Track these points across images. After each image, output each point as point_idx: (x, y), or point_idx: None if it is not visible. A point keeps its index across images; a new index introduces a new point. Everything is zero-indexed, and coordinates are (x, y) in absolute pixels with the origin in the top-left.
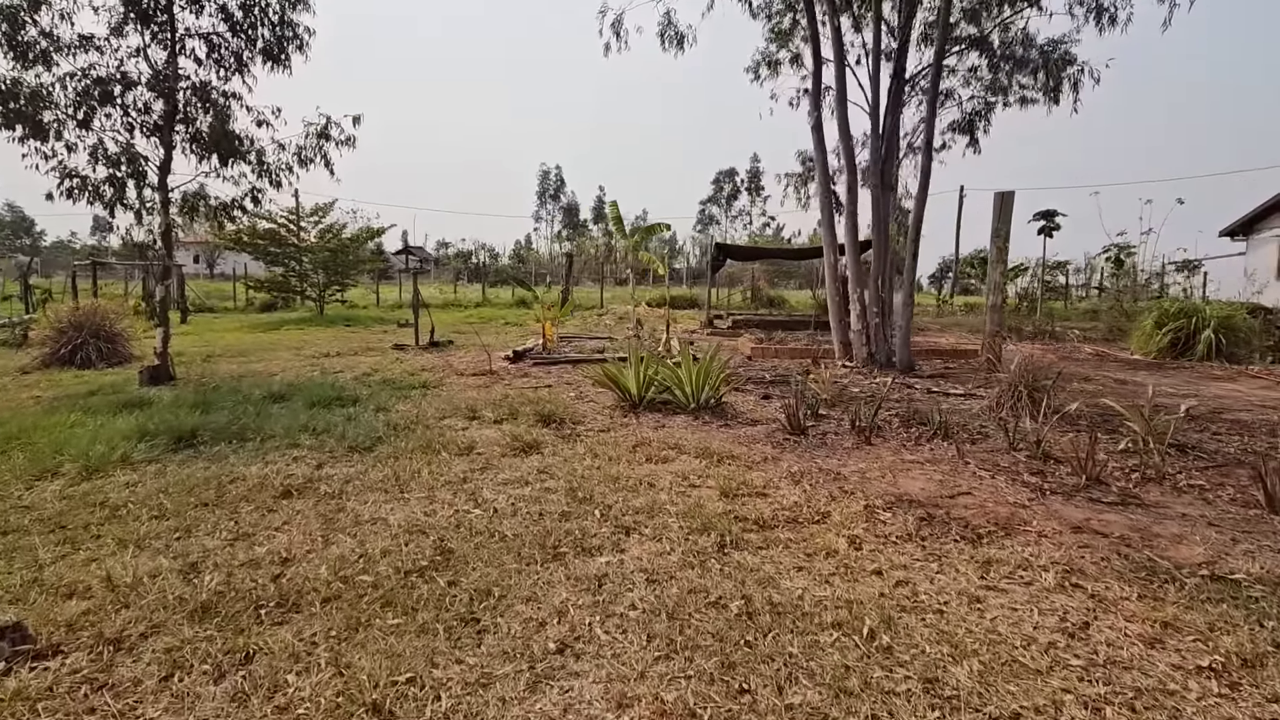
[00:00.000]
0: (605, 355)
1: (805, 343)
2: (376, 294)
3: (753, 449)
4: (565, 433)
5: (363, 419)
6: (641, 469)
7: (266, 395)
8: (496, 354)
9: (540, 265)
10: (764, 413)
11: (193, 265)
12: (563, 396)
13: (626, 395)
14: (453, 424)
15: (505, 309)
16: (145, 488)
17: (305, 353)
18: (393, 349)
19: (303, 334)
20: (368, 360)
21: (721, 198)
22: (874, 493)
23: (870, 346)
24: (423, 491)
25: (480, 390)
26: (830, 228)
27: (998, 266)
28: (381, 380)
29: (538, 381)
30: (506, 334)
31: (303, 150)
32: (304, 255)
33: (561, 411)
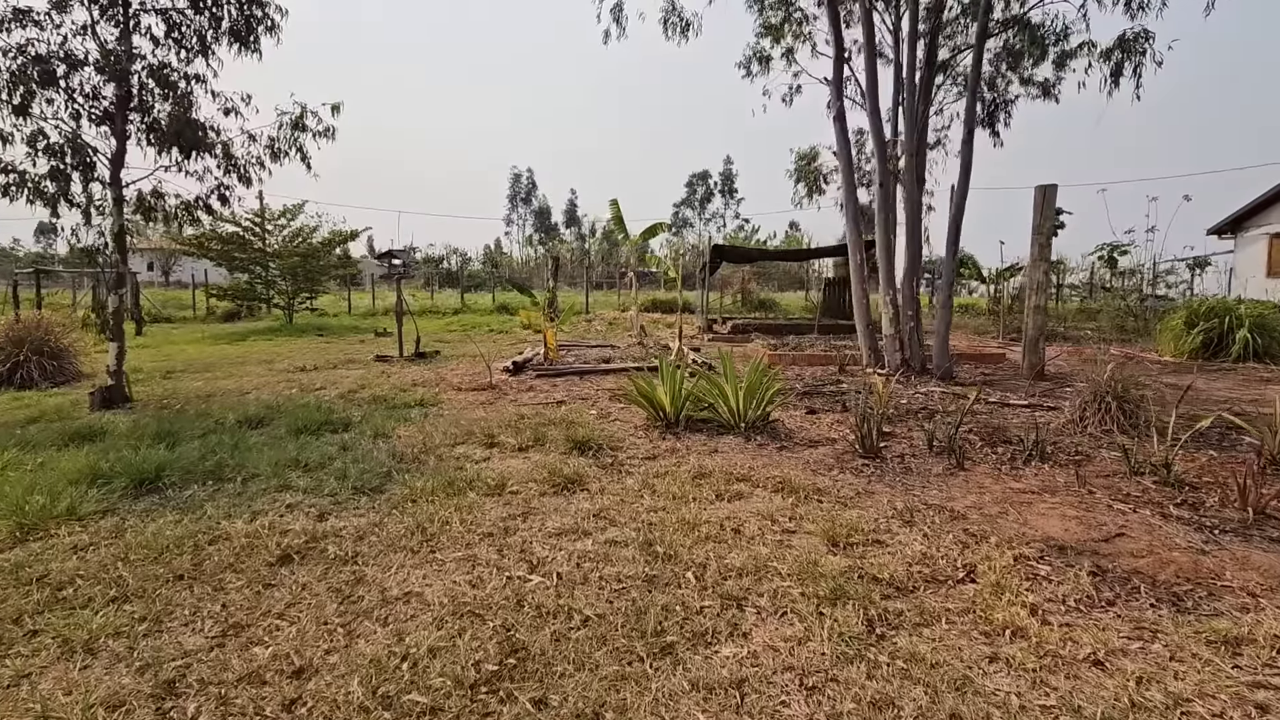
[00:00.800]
0: (613, 365)
1: (822, 348)
2: (348, 301)
3: (832, 479)
4: (606, 461)
5: (362, 449)
6: (716, 509)
7: (242, 420)
8: (491, 365)
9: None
10: (817, 430)
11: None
12: (584, 415)
13: (660, 413)
14: (469, 453)
15: (486, 315)
16: (99, 554)
17: (279, 367)
18: (375, 361)
19: (272, 345)
20: (351, 374)
21: (695, 200)
22: (1009, 536)
23: (904, 352)
24: (458, 549)
25: (486, 408)
26: (856, 225)
27: (1040, 265)
28: (371, 398)
29: (547, 396)
30: (495, 343)
31: (275, 142)
32: (271, 261)
33: (593, 435)
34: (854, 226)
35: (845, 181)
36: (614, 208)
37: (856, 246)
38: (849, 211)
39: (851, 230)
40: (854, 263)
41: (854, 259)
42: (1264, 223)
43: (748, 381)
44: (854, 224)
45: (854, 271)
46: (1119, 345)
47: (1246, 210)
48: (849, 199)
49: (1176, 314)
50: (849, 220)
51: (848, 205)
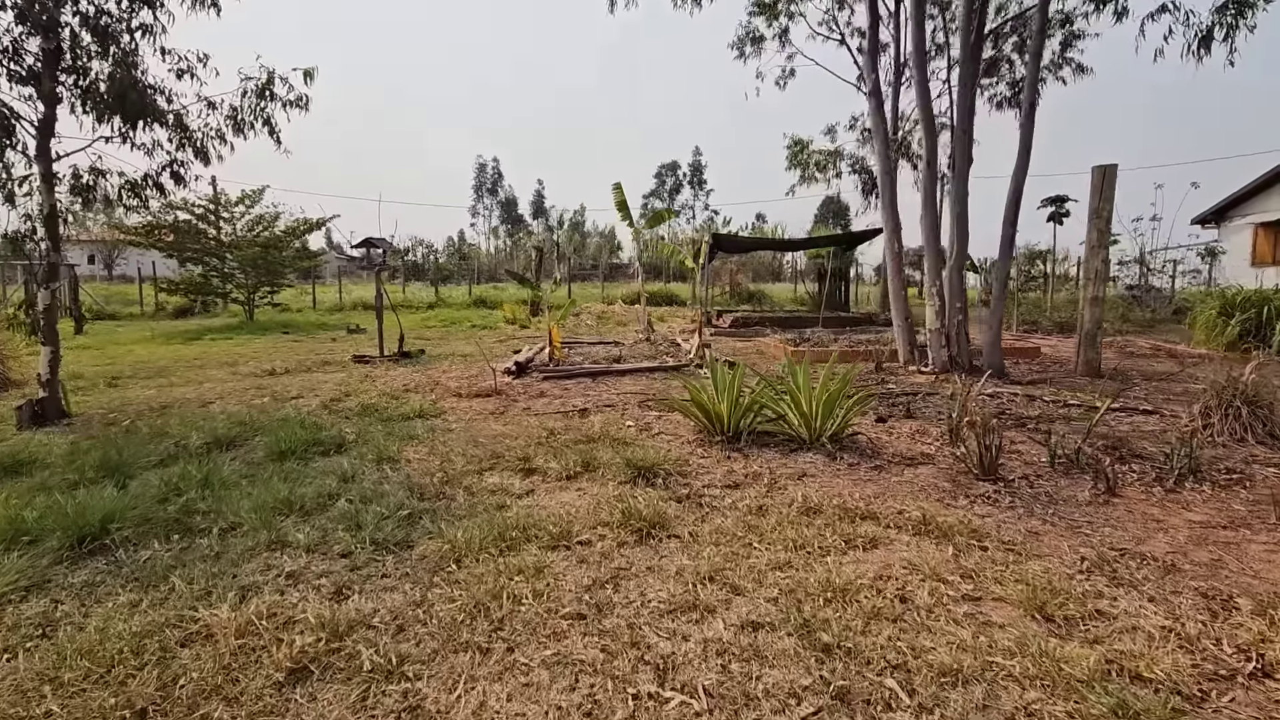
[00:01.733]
0: (628, 365)
1: (846, 343)
2: (313, 295)
3: (970, 512)
4: (679, 492)
5: (368, 480)
6: (857, 564)
7: (210, 441)
8: (487, 366)
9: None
10: (901, 443)
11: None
12: (621, 428)
13: (716, 425)
14: (506, 484)
15: (464, 309)
16: (15, 672)
17: (244, 370)
18: (354, 362)
19: (234, 345)
20: (329, 378)
21: (664, 191)
22: (1259, 595)
23: (951, 349)
24: (544, 644)
25: (500, 420)
26: (892, 208)
27: (1098, 252)
28: (361, 408)
29: (563, 403)
30: (482, 340)
31: (238, 112)
32: (228, 252)
33: (648, 456)
34: (891, 212)
35: (881, 161)
36: (617, 192)
37: (894, 234)
38: (885, 194)
39: (888, 216)
40: (890, 251)
41: (891, 247)
42: (1248, 212)
43: (821, 390)
44: (891, 209)
45: (890, 261)
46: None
47: (1231, 200)
48: (885, 180)
49: (1206, 304)
50: (885, 206)
51: (884, 187)
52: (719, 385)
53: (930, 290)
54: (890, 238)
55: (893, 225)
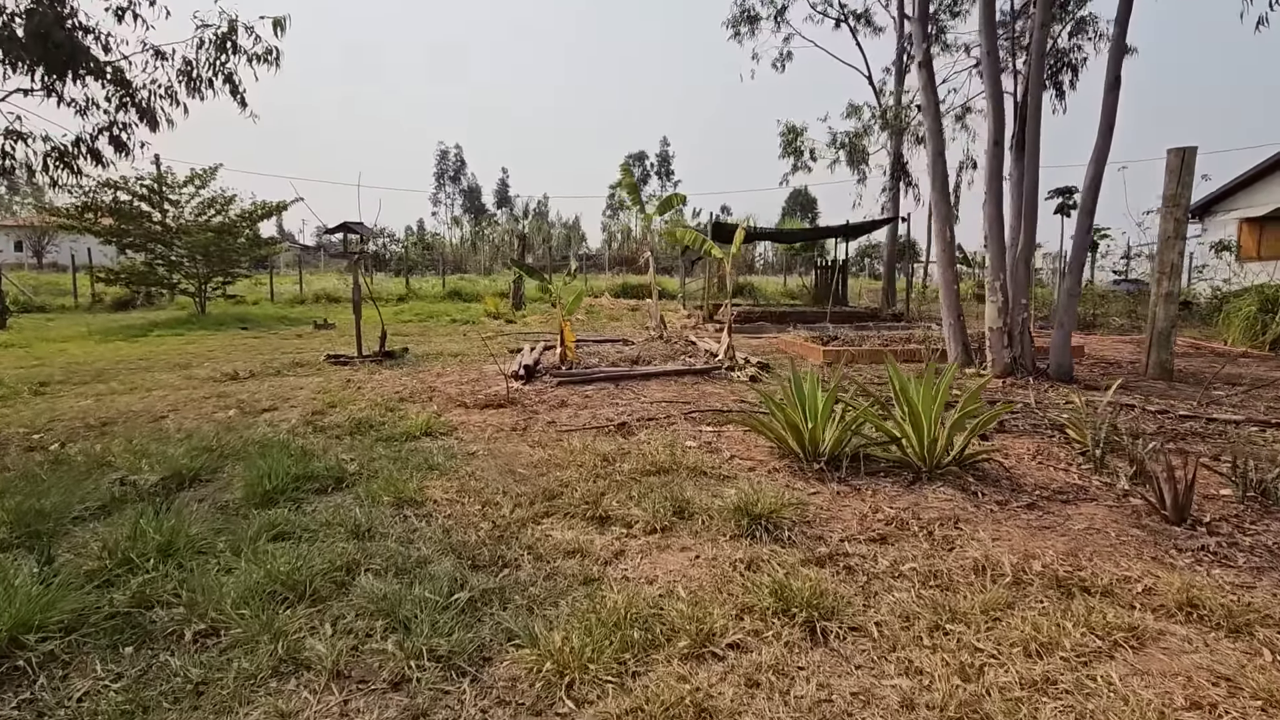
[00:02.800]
0: (653, 368)
1: (878, 341)
2: (270, 286)
3: (1203, 577)
4: (816, 551)
5: (392, 536)
6: (1146, 683)
7: (168, 475)
8: (486, 368)
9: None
10: (1033, 470)
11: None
12: (683, 449)
13: (807, 448)
14: (579, 540)
15: (438, 302)
16: None
17: (200, 374)
18: (329, 363)
19: (185, 342)
20: (305, 383)
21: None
22: None
23: (1014, 350)
24: None
25: (528, 439)
26: (944, 193)
27: (1174, 244)
28: (353, 424)
29: (592, 415)
30: (467, 337)
31: (193, 66)
32: (176, 238)
33: (752, 495)
34: (942, 196)
35: (932, 141)
36: (625, 173)
37: (945, 221)
38: (935, 179)
39: (939, 200)
40: (941, 241)
41: (942, 236)
42: (1233, 207)
43: (931, 400)
44: (942, 194)
45: (941, 252)
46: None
47: (1216, 195)
48: (935, 163)
49: (1243, 301)
50: (936, 190)
51: (934, 171)
52: (803, 398)
53: (993, 285)
54: (941, 226)
55: (944, 212)
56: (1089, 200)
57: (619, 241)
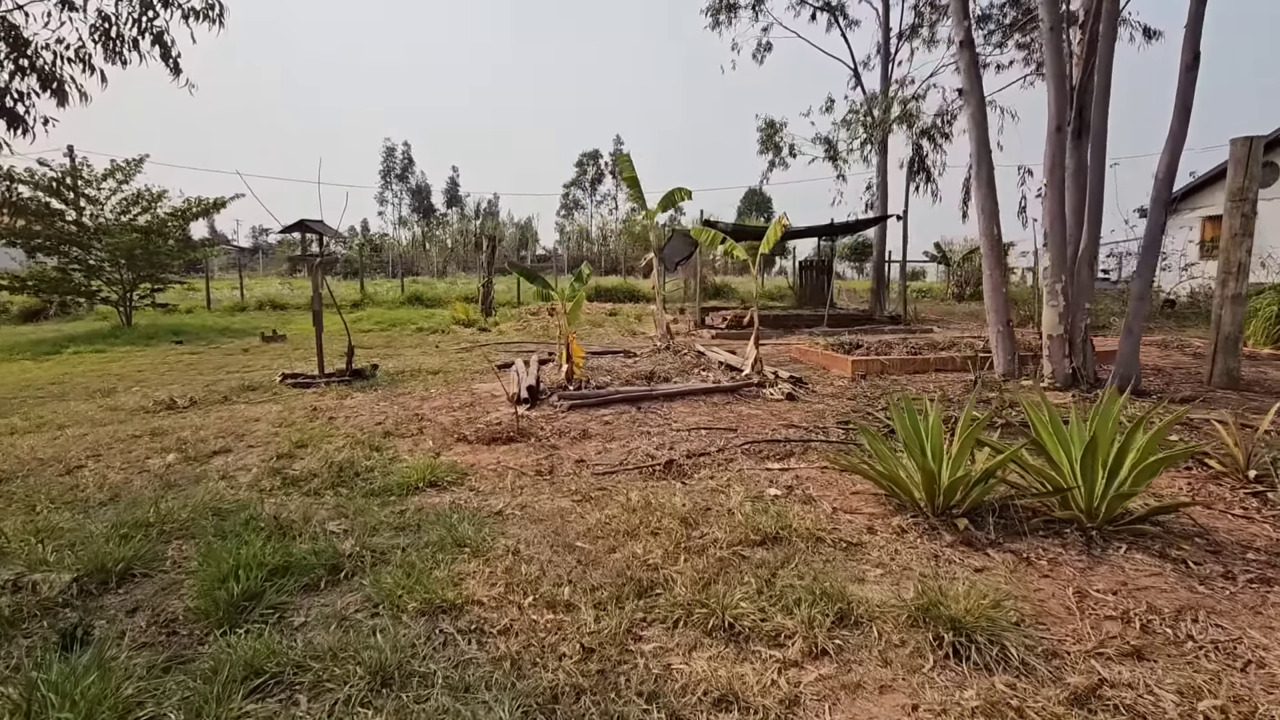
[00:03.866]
0: (675, 386)
1: (904, 350)
2: (206, 293)
3: None
4: (1069, 683)
5: (438, 682)
6: None
7: (82, 574)
8: (477, 387)
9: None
10: (1216, 519)
11: None
12: (769, 501)
13: (932, 499)
14: (712, 675)
15: (398, 309)
16: None
17: (127, 402)
18: (287, 385)
19: (108, 360)
20: (262, 414)
21: (585, 181)
22: None
23: (1075, 359)
24: None
25: (559, 489)
26: (990, 189)
27: (1242, 242)
28: (332, 472)
29: (625, 448)
30: (442, 350)
31: (113, 23)
32: (95, 239)
33: (934, 599)
34: (988, 190)
35: (975, 130)
36: (626, 166)
37: (992, 217)
38: (980, 169)
39: (984, 196)
40: (989, 239)
41: (989, 234)
42: (1198, 205)
43: (1128, 443)
44: (988, 187)
45: (988, 251)
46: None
47: (1181, 193)
48: (979, 151)
49: (1261, 300)
50: (981, 187)
51: (979, 163)
52: (915, 435)
53: (1053, 288)
54: (989, 223)
55: (990, 208)
56: (1164, 191)
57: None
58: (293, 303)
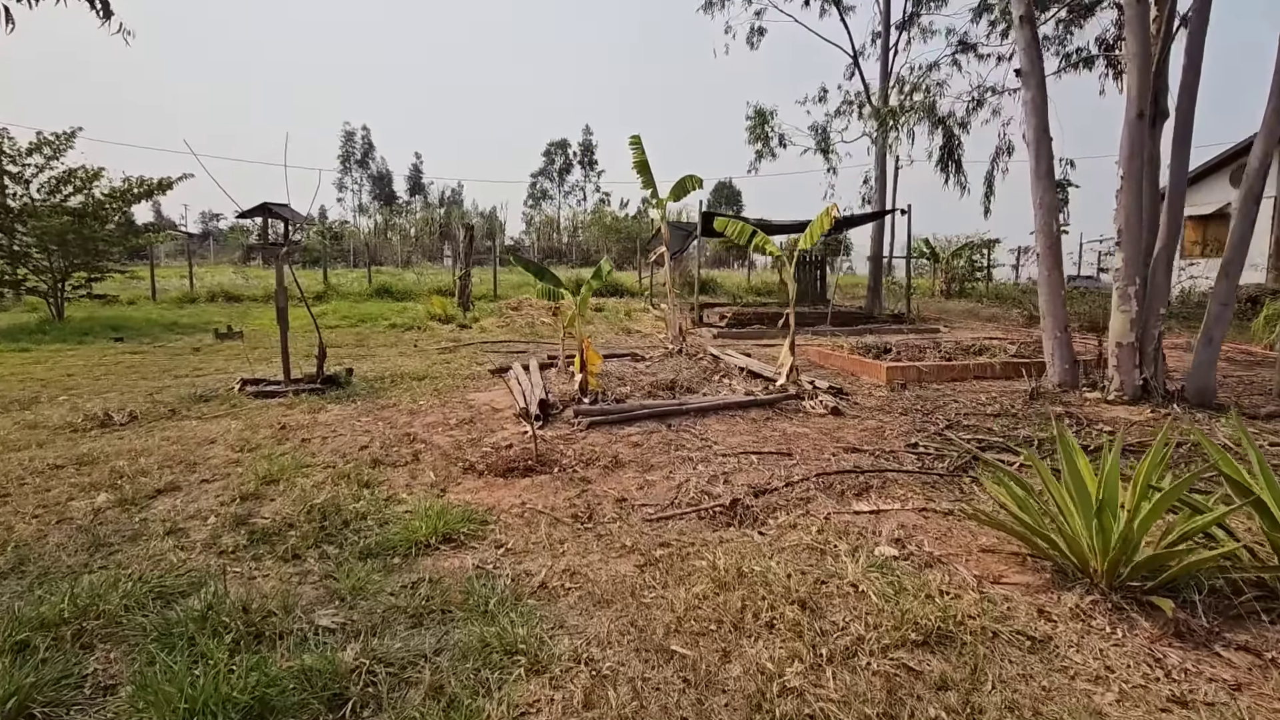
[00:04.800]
0: (706, 399)
1: (938, 356)
2: (151, 283)
3: None
4: None
5: None
6: None
7: None
8: (472, 398)
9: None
10: None
11: None
12: (892, 564)
13: (1098, 569)
14: None
15: (366, 301)
16: None
17: (51, 417)
18: (245, 394)
19: (32, 361)
20: (217, 433)
21: (553, 170)
22: None
23: (1146, 370)
24: None
25: (610, 545)
26: (1050, 180)
27: None
28: (313, 522)
29: (668, 478)
30: (422, 350)
31: None
32: (19, 222)
33: None
34: (1049, 182)
35: (1034, 118)
36: (637, 149)
37: (1051, 212)
38: (1041, 162)
39: (1044, 187)
40: (1047, 236)
41: (1048, 231)
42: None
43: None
44: (1048, 179)
45: (1045, 250)
46: None
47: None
48: (1042, 142)
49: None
50: (1041, 177)
51: (1038, 149)
52: (1079, 482)
53: (1126, 291)
54: (1047, 218)
55: (1050, 201)
56: (1257, 184)
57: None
58: (249, 294)
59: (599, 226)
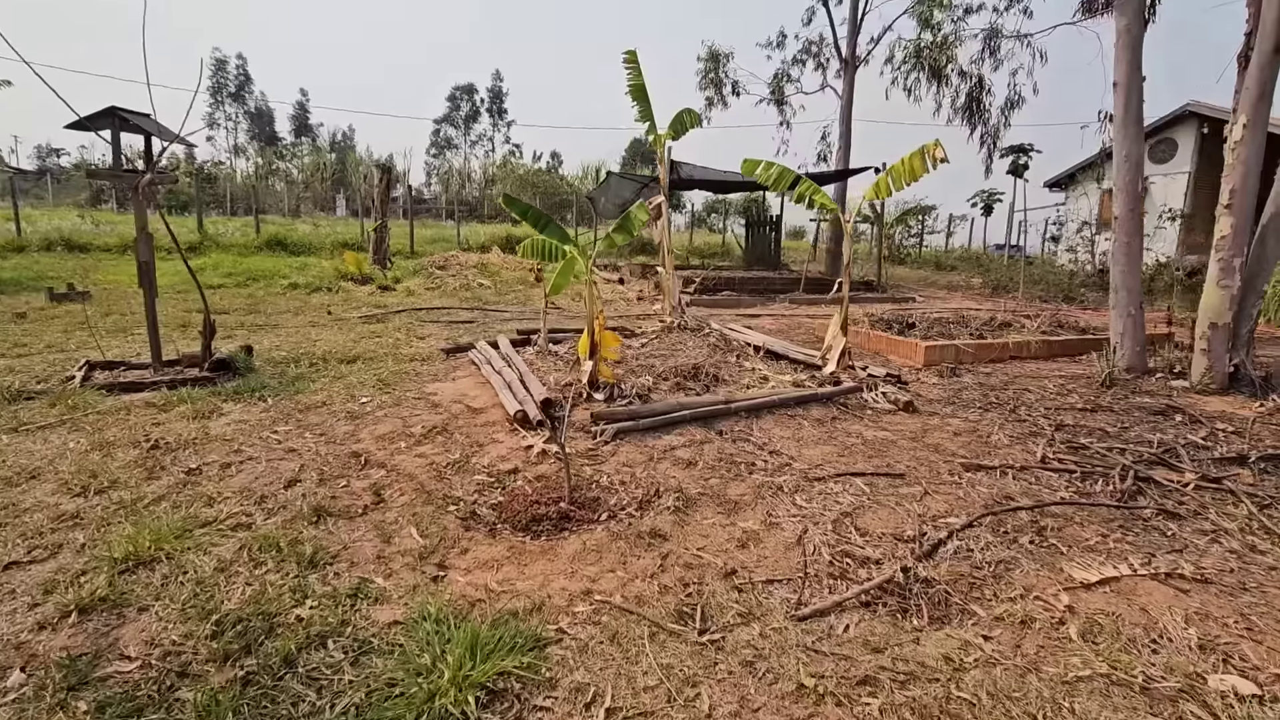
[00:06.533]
0: (747, 397)
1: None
2: None
3: None
4: None
5: None
6: None
7: None
8: (432, 390)
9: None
10: None
11: None
12: None
13: None
14: None
15: (253, 256)
16: None
17: None
18: (91, 385)
19: None
20: (45, 459)
21: (459, 118)
22: None
23: (1238, 354)
24: None
25: (767, 693)
26: (1137, 125)
27: None
28: (229, 659)
29: (765, 518)
30: (344, 322)
31: None
32: None
33: None
34: (1136, 131)
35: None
36: (633, 70)
37: (1136, 168)
38: (1131, 109)
39: (1130, 138)
40: (1129, 197)
41: (1131, 190)
42: (1097, 178)
43: None
44: (1136, 127)
45: (1126, 213)
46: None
47: (1081, 165)
48: (1133, 79)
49: None
50: (1128, 124)
51: (1129, 92)
52: None
53: (1230, 263)
54: (1133, 174)
55: (1136, 155)
56: None
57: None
58: (97, 242)
59: (514, 180)
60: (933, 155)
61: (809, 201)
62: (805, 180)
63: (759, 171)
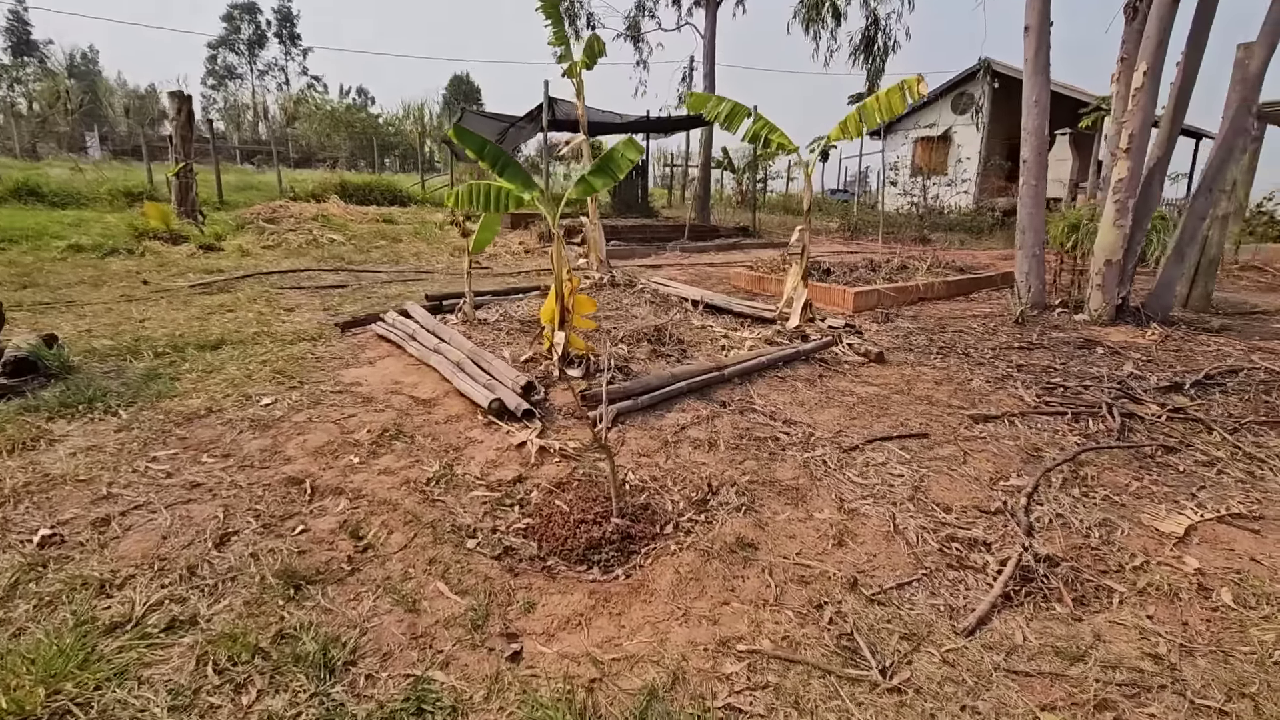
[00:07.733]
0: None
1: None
2: None
3: None
4: None
5: None
6: None
7: None
8: (347, 377)
9: None
10: None
11: None
12: None
13: None
14: None
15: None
16: None
17: None
18: None
19: None
20: None
21: (240, 43)
22: None
23: (1124, 288)
24: None
25: None
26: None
27: (1239, 159)
28: None
29: (855, 522)
30: (173, 290)
31: None
32: None
33: None
34: (1044, 77)
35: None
36: None
37: (1045, 113)
38: (1041, 53)
39: (1038, 85)
40: (1037, 140)
41: (1039, 133)
42: (909, 128)
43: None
44: (1044, 72)
45: (1034, 158)
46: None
47: (897, 118)
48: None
49: None
50: (1037, 68)
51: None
52: None
53: (1125, 203)
54: (1040, 119)
55: (1044, 100)
56: (1252, 94)
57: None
58: None
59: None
60: (914, 90)
61: (764, 141)
62: (761, 117)
63: (709, 108)
